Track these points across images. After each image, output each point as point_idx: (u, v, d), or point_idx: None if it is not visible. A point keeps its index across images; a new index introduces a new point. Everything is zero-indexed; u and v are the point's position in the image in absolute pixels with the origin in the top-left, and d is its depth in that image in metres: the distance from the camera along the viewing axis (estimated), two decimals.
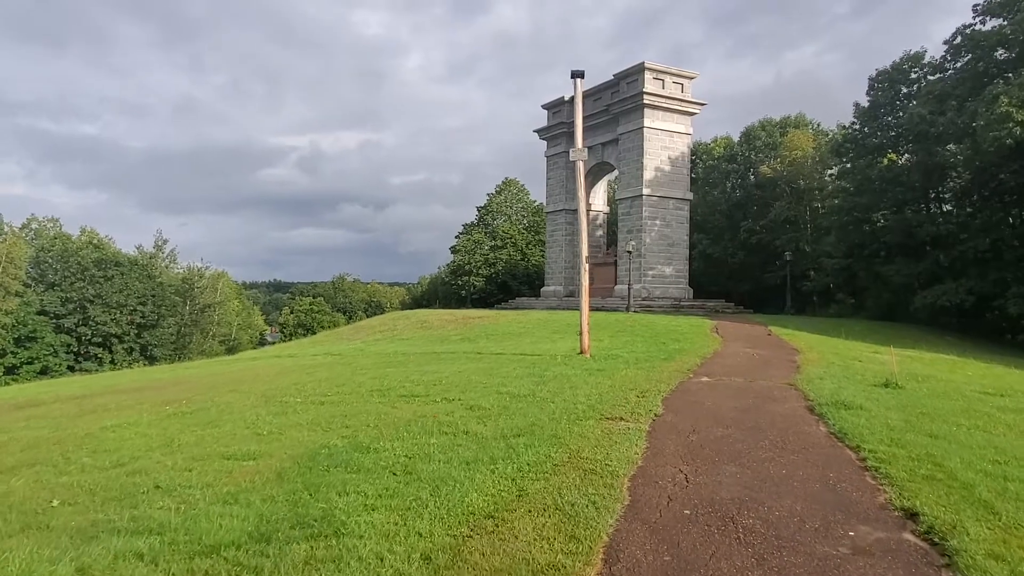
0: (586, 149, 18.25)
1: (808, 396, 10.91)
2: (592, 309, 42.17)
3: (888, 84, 40.13)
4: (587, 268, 18.05)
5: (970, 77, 33.83)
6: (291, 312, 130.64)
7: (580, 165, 18.24)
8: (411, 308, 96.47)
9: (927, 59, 39.19)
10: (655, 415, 9.19)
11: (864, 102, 41.45)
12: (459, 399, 10.76)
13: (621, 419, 8.91)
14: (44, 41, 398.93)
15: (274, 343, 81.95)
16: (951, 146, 36.26)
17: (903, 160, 40.76)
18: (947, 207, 39.00)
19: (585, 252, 18.05)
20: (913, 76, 39.78)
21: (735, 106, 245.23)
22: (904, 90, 40.27)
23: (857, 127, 41.88)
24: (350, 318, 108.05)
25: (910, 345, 27.09)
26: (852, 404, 9.70)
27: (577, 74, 17.89)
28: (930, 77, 38.59)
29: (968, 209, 37.19)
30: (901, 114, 39.63)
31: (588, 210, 51.19)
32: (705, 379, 13.33)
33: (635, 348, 19.89)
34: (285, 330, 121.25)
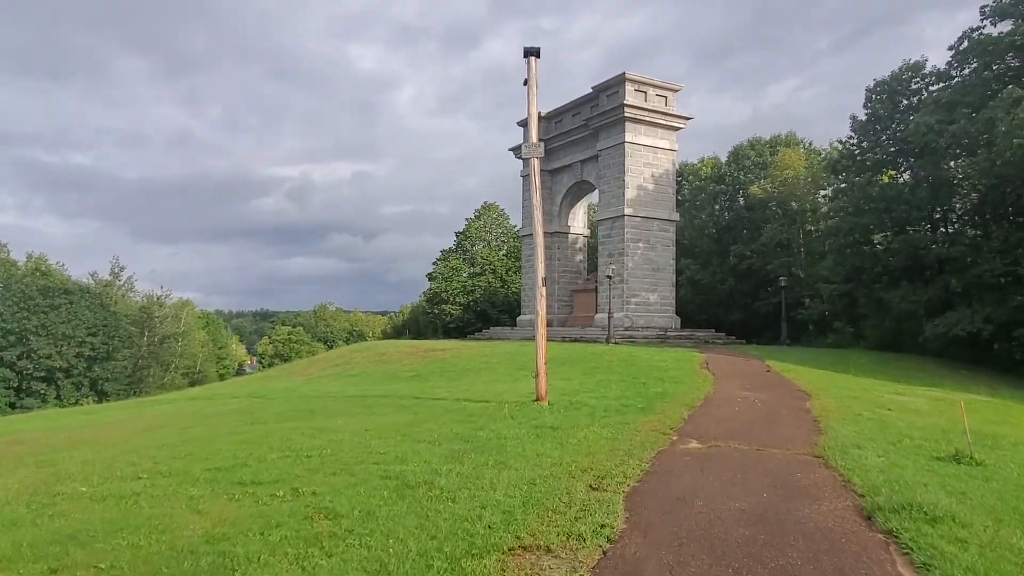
0: (542, 144, 14.67)
1: (852, 482, 7.14)
2: (570, 340, 38.62)
3: (887, 96, 36.99)
4: (543, 293, 14.30)
5: (980, 83, 30.74)
6: (270, 342, 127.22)
7: (535, 164, 14.61)
8: (392, 337, 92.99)
9: (928, 68, 36.17)
10: (608, 538, 5.37)
11: (861, 115, 38.34)
12: (314, 492, 6.93)
13: (547, 550, 5.09)
14: (45, 74, 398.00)
15: (252, 373, 78.42)
16: (952, 163, 33.14)
17: (904, 177, 37.56)
18: (955, 227, 35.63)
19: (541, 272, 14.32)
20: (914, 87, 36.71)
21: (718, 140, 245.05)
22: (904, 103, 37.12)
23: (855, 142, 38.65)
24: (330, 347, 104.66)
25: (929, 382, 23.47)
26: (934, 509, 5.91)
27: (531, 52, 14.32)
28: (932, 88, 35.55)
29: (978, 230, 33.92)
30: (901, 128, 36.51)
31: (567, 232, 47.73)
32: (694, 445, 9.54)
33: (608, 392, 16.11)
34: (263, 360, 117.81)
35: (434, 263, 74.92)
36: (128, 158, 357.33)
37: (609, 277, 36.78)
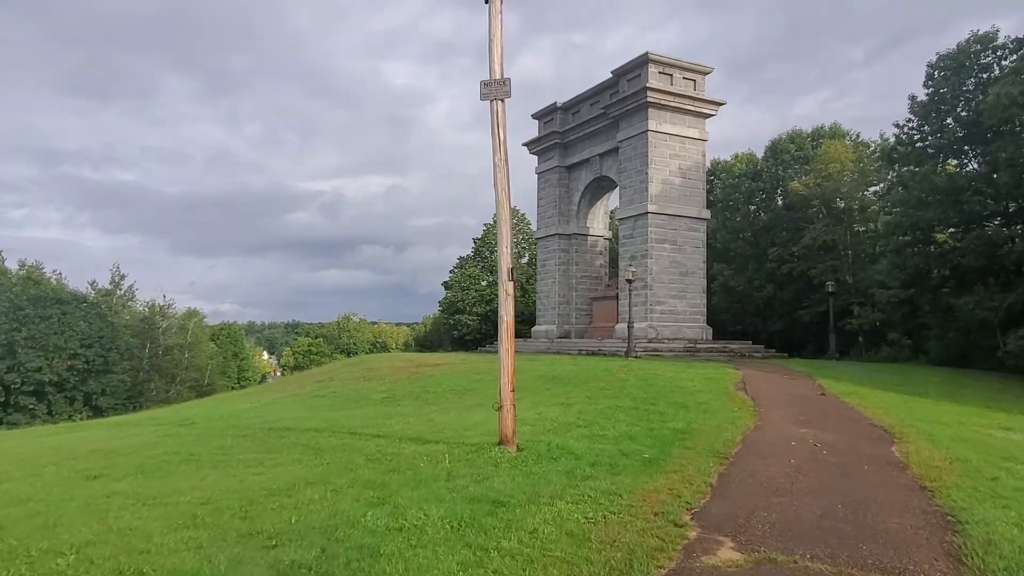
0: (508, 82, 10.43)
1: None
2: (587, 353, 33.87)
3: (953, 72, 31.89)
4: (510, 292, 10.00)
5: None
6: (292, 353, 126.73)
7: (498, 109, 10.41)
8: (413, 349, 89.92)
9: (1001, 39, 31.07)
10: None
11: (921, 95, 33.31)
12: None
13: None
14: (93, 94, 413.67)
15: (259, 385, 76.46)
16: None
17: (972, 166, 32.43)
18: None
19: (507, 261, 10.03)
20: (984, 61, 31.58)
21: (750, 150, 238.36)
22: (971, 82, 32.03)
23: (914, 125, 33.57)
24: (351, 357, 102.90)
25: None
26: None
27: None
28: (1006, 62, 30.48)
29: None
30: (967, 111, 31.49)
31: (586, 234, 43.28)
32: (729, 557, 5.12)
33: (609, 427, 11.73)
34: (287, 371, 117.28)
35: (451, 271, 70.88)
36: (170, 175, 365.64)
37: (630, 281, 32.18)
